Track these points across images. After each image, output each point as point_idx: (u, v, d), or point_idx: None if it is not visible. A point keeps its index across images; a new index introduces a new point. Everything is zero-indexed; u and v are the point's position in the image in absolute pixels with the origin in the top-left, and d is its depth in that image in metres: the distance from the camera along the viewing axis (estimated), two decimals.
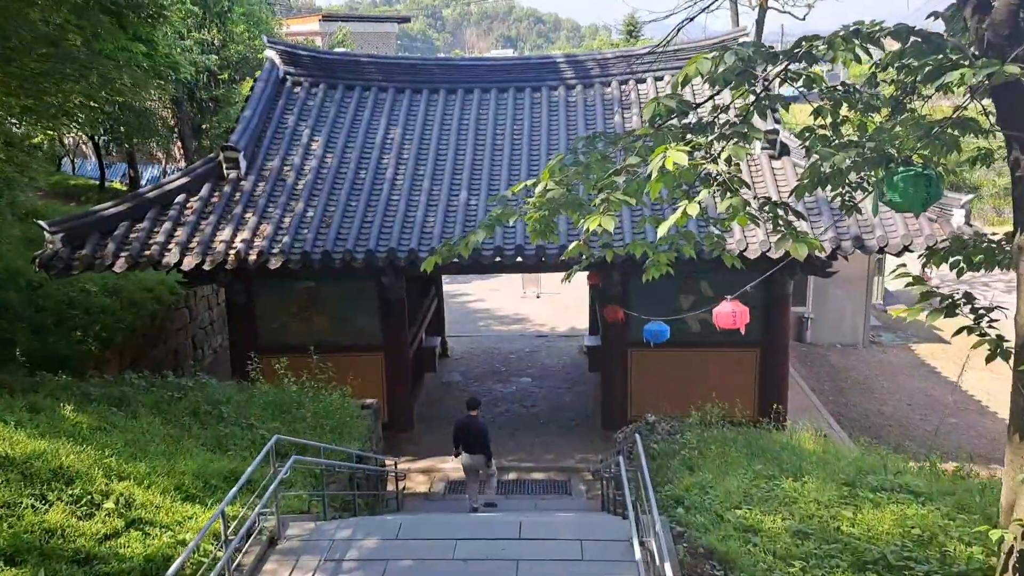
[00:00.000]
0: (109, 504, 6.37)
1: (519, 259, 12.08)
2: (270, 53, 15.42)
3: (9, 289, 14.30)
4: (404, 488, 12.78)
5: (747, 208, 4.49)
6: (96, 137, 27.13)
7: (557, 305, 24.14)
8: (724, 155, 4.17)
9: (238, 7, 26.85)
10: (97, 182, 28.94)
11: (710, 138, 4.40)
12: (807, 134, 4.83)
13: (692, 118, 4.56)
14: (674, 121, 4.67)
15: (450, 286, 26.59)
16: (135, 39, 13.76)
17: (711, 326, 13.76)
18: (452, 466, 13.39)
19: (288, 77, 15.38)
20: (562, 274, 6.70)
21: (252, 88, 15.05)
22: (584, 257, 6.60)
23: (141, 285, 16.61)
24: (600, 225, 4.23)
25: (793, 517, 7.64)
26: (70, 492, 6.36)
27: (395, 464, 12.27)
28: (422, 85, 15.32)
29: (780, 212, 5.16)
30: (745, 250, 11.73)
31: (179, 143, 29.24)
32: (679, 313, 12.65)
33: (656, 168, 3.79)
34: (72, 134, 31.01)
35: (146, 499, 6.70)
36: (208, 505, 7.13)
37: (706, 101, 4.80)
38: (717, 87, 4.45)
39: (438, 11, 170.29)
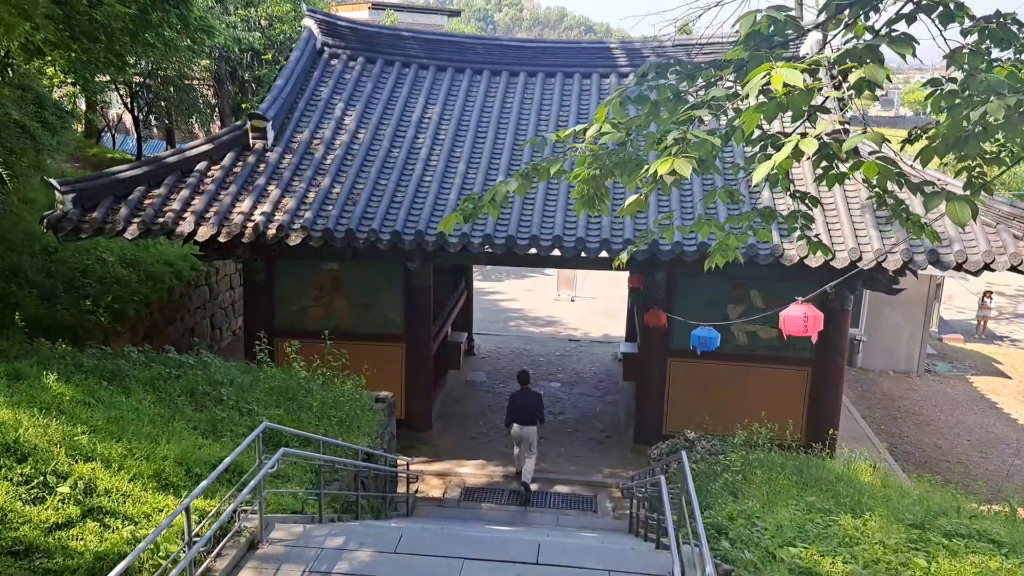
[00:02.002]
0: (65, 488, 5.52)
1: (556, 251, 11.11)
2: (308, 22, 14.65)
3: (23, 253, 13.71)
4: (416, 491, 11.87)
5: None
6: (136, 111, 26.76)
7: (592, 310, 23.13)
8: (854, 77, 3.14)
9: None
10: (135, 157, 28.57)
11: (831, 57, 3.36)
12: (934, 88, 3.75)
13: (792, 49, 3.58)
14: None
15: (482, 283, 25.71)
16: (167, 1, 13.06)
17: (759, 339, 12.76)
18: (470, 471, 12.45)
19: (326, 48, 14.59)
20: (599, 276, 5.65)
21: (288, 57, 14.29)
22: (628, 249, 5.65)
23: (161, 258, 15.95)
24: (675, 171, 3.24)
25: (856, 560, 6.57)
26: (20, 471, 5.52)
27: (407, 464, 11.36)
28: (465, 64, 14.43)
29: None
30: (805, 257, 10.62)
31: (219, 122, 28.78)
32: (726, 322, 11.58)
33: (755, 91, 2.82)
34: (115, 108, 30.80)
35: (112, 485, 5.85)
36: (175, 495, 6.27)
37: (809, 31, 3.78)
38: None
39: (490, 15, 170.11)
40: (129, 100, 25.45)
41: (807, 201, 4.34)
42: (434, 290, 13.27)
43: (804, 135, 3.05)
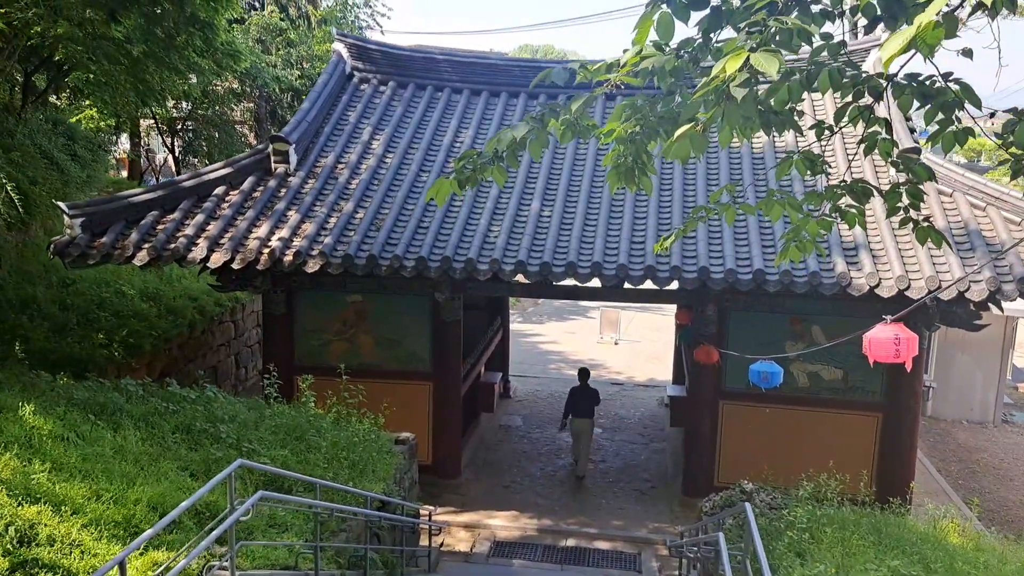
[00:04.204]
0: None
1: (595, 280, 10.11)
2: (338, 46, 14.09)
3: (38, 285, 13.16)
4: (441, 544, 10.78)
5: None
6: (176, 151, 26.71)
7: (637, 353, 21.94)
8: None
9: (327, 27, 26.18)
10: None
11: None
12: None
13: None
14: None
15: (521, 325, 24.73)
16: (191, 23, 12.60)
17: (821, 380, 11.49)
18: (501, 523, 11.33)
19: (356, 73, 13.98)
20: (643, 319, 4.66)
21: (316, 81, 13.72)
22: (674, 275, 4.65)
23: (185, 292, 15.31)
24: (751, 65, 2.28)
25: None
26: None
27: (430, 514, 10.30)
28: (500, 88, 13.68)
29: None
30: (877, 286, 9.44)
31: None
32: (785, 361, 10.38)
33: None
34: (161, 153, 30.88)
35: (60, 532, 4.94)
36: (152, 548, 5.32)
37: None
38: None
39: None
40: (169, 140, 25.38)
41: (915, 169, 3.30)
42: (466, 326, 12.34)
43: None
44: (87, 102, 14.59)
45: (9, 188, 11.53)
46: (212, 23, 13.17)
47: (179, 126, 24.46)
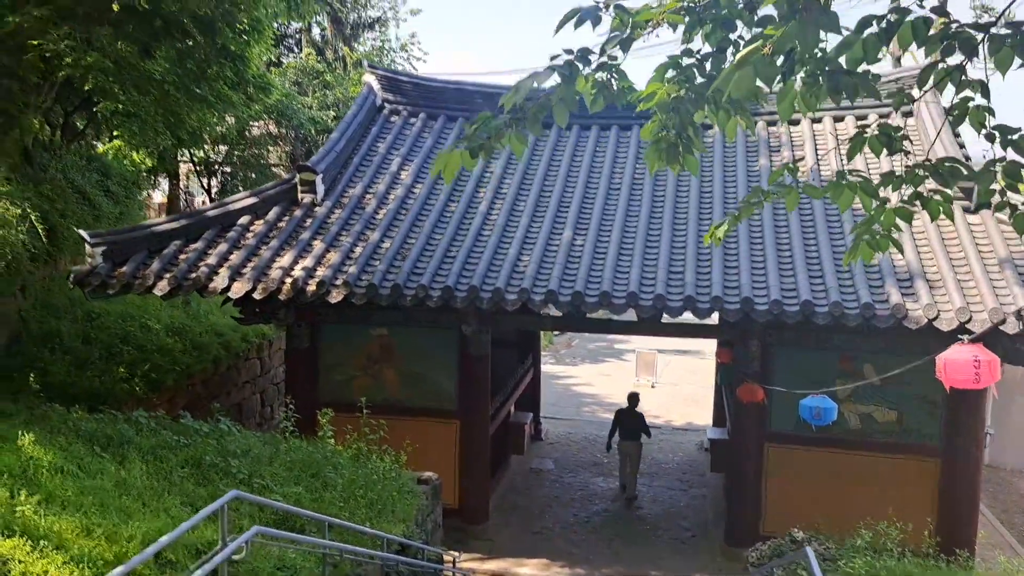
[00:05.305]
0: None
1: (631, 311, 9.57)
2: (369, 78, 13.93)
3: (63, 318, 12.95)
4: None
5: None
6: (213, 193, 26.88)
7: (674, 396, 21.17)
8: None
9: (362, 69, 26.36)
10: None
11: None
12: None
13: None
14: None
15: (554, 367, 24.12)
16: (222, 55, 12.53)
17: (874, 422, 10.72)
18: (530, 572, 10.66)
19: (386, 105, 13.78)
20: (681, 362, 4.14)
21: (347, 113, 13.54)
22: (715, 307, 4.12)
23: (212, 328, 15.02)
24: None
25: None
26: None
27: (454, 561, 9.69)
28: None
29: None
30: (935, 319, 8.75)
31: None
32: (835, 402, 9.67)
33: None
34: (200, 196, 31.18)
35: (35, 570, 4.48)
36: None
37: None
38: None
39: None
40: (207, 181, 25.54)
41: (1017, 143, 2.74)
42: (495, 364, 11.83)
43: None
44: (115, 133, 14.55)
45: (34, 218, 11.42)
46: (243, 55, 13.11)
47: (216, 168, 24.62)
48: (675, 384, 22.62)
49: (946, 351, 4.69)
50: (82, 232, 10.53)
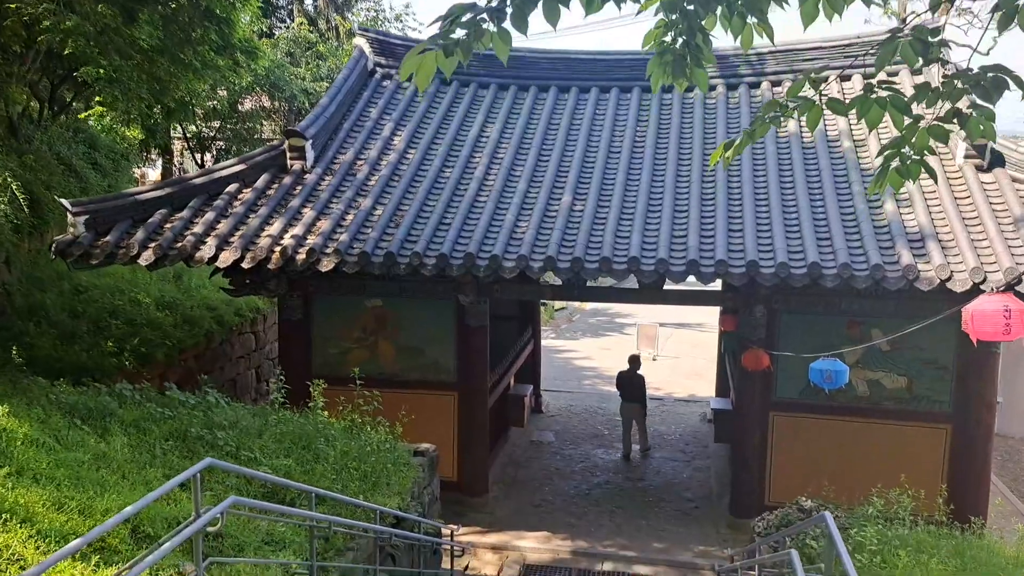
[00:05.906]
0: None
1: (632, 277, 9.25)
2: (360, 41, 13.49)
3: (49, 291, 12.63)
4: (466, 568, 9.90)
5: None
6: (206, 167, 26.42)
7: (676, 369, 20.91)
8: None
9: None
10: None
11: None
12: None
13: None
14: None
15: (555, 341, 23.83)
16: (207, 18, 12.09)
17: (882, 389, 10.42)
18: (531, 545, 10.43)
19: (378, 69, 13.35)
20: (682, 334, 3.82)
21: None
22: (719, 270, 3.78)
23: (204, 302, 14.71)
24: None
25: None
26: None
27: (452, 533, 9.44)
28: (529, 81, 12.93)
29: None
30: (948, 280, 8.41)
31: None
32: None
33: None
34: (193, 171, 30.75)
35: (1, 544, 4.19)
36: (116, 564, 4.54)
37: None
38: None
39: None
40: (200, 156, 25.11)
41: None
42: (494, 336, 11.53)
43: None
44: (97, 99, 14.12)
45: (15, 187, 11.05)
46: (229, 19, 12.66)
47: (209, 143, 24.18)
48: (676, 357, 22.34)
49: (973, 301, 4.38)
50: (63, 200, 10.17)
